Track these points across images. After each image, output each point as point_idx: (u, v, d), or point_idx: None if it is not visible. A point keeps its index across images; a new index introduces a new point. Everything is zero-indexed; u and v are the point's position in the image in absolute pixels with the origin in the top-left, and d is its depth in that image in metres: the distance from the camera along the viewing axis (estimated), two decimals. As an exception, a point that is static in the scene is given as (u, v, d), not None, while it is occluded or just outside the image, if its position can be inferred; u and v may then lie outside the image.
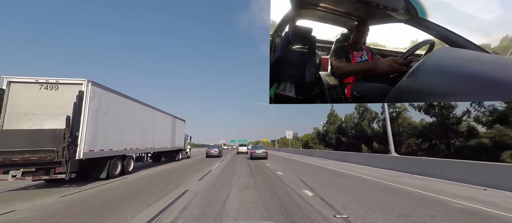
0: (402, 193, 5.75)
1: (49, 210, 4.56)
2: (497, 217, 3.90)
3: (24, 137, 6.39)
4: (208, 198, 5.28)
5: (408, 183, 7.09)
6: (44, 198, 5.66)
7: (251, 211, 4.26)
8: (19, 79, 7.13)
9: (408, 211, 4.15)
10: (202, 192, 5.94)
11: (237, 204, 4.77)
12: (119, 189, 6.67)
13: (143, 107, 11.60)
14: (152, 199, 5.30)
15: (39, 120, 6.99)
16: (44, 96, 7.17)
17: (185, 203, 4.89)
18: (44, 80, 7.24)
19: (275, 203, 4.80)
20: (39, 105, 7.10)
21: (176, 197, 5.38)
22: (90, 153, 7.43)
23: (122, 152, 9.37)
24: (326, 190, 6.01)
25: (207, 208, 4.46)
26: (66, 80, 7.38)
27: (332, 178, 8.36)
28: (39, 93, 7.16)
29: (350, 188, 6.45)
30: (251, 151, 18.64)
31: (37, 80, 7.21)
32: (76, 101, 6.92)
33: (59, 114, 7.03)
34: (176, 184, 7.26)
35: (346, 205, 4.57)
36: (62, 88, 7.32)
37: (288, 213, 4.10)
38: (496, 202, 4.75)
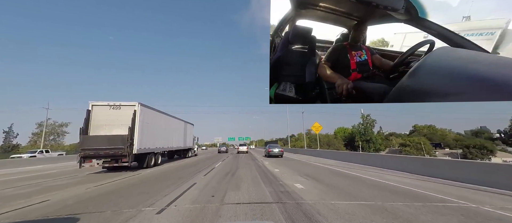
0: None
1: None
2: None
3: (105, 140, 10.10)
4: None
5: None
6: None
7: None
8: (97, 103, 10.83)
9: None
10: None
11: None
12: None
13: (165, 117, 15.28)
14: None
15: (110, 129, 10.63)
16: (112, 113, 10.88)
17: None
18: (112, 103, 10.96)
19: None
20: (110, 119, 10.77)
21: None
22: (139, 150, 10.96)
23: (154, 150, 12.89)
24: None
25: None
26: (126, 103, 11.09)
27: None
28: (109, 111, 10.89)
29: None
30: (268, 149, 20.26)
31: (108, 103, 10.94)
32: (133, 117, 10.69)
33: (121, 125, 10.60)
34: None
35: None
36: (123, 108, 10.98)
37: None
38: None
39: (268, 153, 19.89)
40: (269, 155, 19.88)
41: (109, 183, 7.60)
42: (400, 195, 5.51)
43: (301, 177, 8.43)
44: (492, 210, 4.28)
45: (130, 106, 10.93)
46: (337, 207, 4.46)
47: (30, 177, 10.03)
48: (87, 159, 9.89)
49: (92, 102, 10.73)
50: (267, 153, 20.53)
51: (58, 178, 9.22)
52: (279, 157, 19.44)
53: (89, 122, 10.42)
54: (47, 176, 10.07)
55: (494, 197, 5.33)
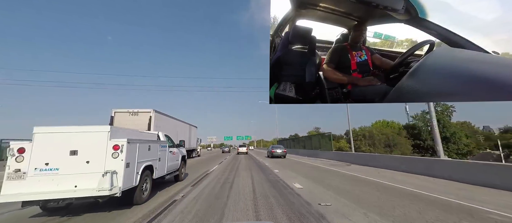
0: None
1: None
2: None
3: None
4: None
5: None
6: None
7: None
8: (119, 110, 12.55)
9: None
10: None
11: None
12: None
13: (174, 121, 17.20)
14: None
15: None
16: (131, 119, 12.52)
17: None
18: (131, 110, 12.73)
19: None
20: (129, 124, 12.05)
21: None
22: None
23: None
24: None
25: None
26: (142, 110, 12.89)
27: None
28: (129, 117, 12.59)
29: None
30: (271, 150, 20.65)
31: (128, 110, 12.65)
32: (149, 122, 12.57)
33: (139, 128, 12.19)
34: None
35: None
36: (140, 115, 12.70)
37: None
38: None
39: (272, 154, 20.10)
40: (272, 156, 19.97)
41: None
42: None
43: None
44: None
45: (146, 113, 12.88)
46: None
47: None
48: None
49: (115, 109, 12.61)
50: (270, 154, 20.81)
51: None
52: (282, 158, 19.43)
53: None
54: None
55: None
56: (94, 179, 4.02)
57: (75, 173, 4.04)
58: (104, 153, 4.18)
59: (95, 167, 4.10)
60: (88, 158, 4.13)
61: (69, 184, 3.97)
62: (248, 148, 35.58)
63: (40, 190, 3.85)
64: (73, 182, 3.99)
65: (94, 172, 4.06)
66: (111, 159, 4.17)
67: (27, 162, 3.94)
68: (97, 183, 3.98)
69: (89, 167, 4.10)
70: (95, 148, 4.20)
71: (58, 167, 4.02)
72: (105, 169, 4.07)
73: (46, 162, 4.00)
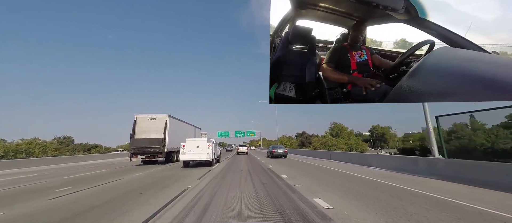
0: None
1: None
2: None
3: (147, 141, 14.88)
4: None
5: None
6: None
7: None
8: (140, 115, 15.35)
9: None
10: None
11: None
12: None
13: (182, 123, 19.61)
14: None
15: (148, 134, 15.13)
16: (150, 122, 15.38)
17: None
18: (150, 115, 15.49)
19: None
20: (149, 127, 15.25)
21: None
22: (169, 149, 15.61)
23: (175, 149, 17.01)
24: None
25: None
26: (159, 115, 15.62)
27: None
28: (148, 121, 15.38)
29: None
30: (272, 150, 20.87)
31: (147, 115, 15.44)
32: (165, 125, 15.37)
33: (156, 131, 15.19)
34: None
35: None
36: (157, 119, 15.50)
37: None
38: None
39: (273, 154, 20.04)
40: (273, 156, 19.90)
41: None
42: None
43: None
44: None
45: (162, 118, 15.58)
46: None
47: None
48: (134, 155, 14.97)
49: (137, 114, 15.33)
50: (270, 153, 20.72)
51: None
52: (283, 158, 19.53)
53: (135, 129, 14.99)
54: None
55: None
56: (204, 154, 12.79)
57: (199, 152, 12.80)
58: (206, 146, 12.93)
59: (204, 151, 12.83)
60: (202, 148, 12.86)
61: (198, 156, 12.76)
62: (248, 148, 36.29)
63: (189, 158, 12.85)
64: (198, 155, 12.76)
65: (204, 152, 12.81)
66: (208, 148, 12.88)
67: (185, 149, 12.78)
68: (205, 156, 12.81)
69: (202, 151, 12.81)
70: (204, 144, 12.96)
71: (193, 151, 12.79)
72: (207, 151, 12.83)
73: (190, 150, 12.77)
